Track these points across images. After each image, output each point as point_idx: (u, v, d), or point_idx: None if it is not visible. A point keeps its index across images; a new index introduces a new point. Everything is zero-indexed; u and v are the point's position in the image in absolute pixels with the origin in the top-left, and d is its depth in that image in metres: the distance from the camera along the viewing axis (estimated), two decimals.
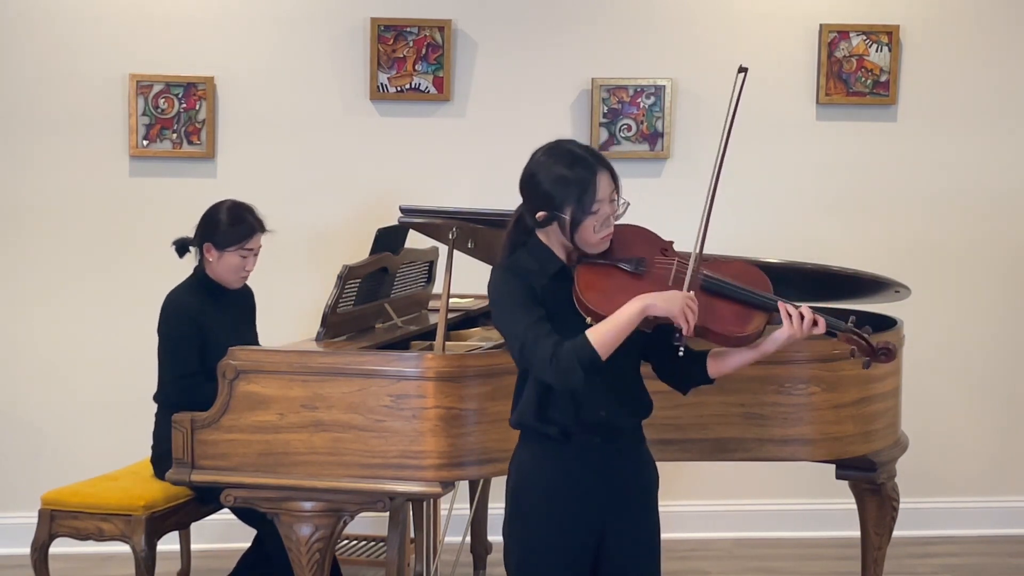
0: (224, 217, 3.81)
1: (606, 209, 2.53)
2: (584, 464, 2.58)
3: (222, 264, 3.81)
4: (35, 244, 4.88)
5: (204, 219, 3.85)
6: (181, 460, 3.24)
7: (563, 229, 2.53)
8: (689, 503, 5.06)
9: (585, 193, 2.50)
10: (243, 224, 3.81)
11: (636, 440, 2.67)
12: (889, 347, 2.58)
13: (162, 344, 3.79)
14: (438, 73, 4.88)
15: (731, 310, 2.57)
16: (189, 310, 3.77)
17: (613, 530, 2.61)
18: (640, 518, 2.65)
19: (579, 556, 2.60)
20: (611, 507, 2.60)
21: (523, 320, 2.48)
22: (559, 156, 2.55)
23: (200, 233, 3.84)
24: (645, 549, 2.66)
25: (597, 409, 2.56)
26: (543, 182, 2.53)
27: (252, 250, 3.84)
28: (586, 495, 2.58)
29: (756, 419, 3.42)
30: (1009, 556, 4.91)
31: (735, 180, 4.99)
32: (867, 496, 3.79)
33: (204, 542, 4.67)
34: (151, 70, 4.83)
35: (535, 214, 2.55)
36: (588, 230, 2.52)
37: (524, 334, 2.47)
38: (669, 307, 2.43)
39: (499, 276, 2.58)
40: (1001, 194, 5.10)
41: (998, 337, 5.16)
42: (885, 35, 4.96)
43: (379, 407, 3.13)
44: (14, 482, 4.87)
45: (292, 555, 3.23)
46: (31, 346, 4.90)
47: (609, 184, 2.54)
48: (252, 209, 3.87)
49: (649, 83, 4.94)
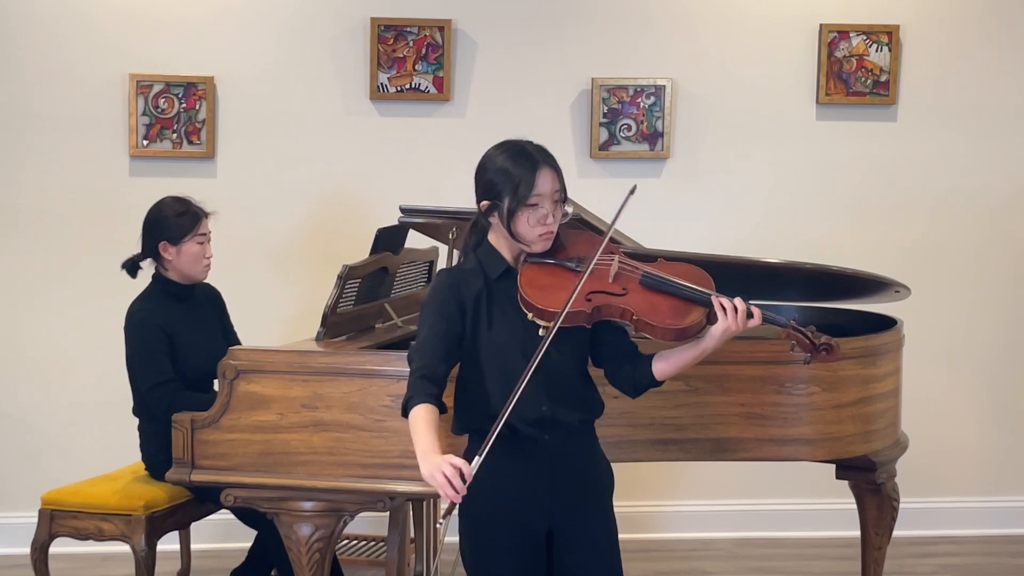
0: (169, 212, 3.82)
1: (545, 206, 2.59)
2: (530, 459, 2.61)
3: (183, 257, 3.81)
4: (35, 244, 4.88)
5: (149, 223, 3.84)
6: (181, 460, 3.25)
7: (502, 219, 2.61)
8: (689, 503, 5.06)
9: (522, 184, 2.57)
10: (188, 213, 3.83)
11: (586, 440, 2.71)
12: (831, 343, 2.62)
13: (132, 356, 3.76)
14: (438, 73, 4.88)
15: (669, 305, 2.61)
16: (153, 317, 3.74)
17: (562, 529, 2.63)
18: (591, 518, 2.67)
19: (527, 554, 2.62)
20: (558, 505, 2.63)
21: (423, 331, 2.61)
22: (507, 150, 2.66)
23: (150, 237, 3.82)
24: (600, 550, 2.67)
25: (539, 405, 2.59)
26: (488, 171, 2.65)
27: (205, 235, 3.85)
28: (531, 491, 2.61)
29: (756, 419, 3.42)
30: (1009, 556, 4.91)
31: (735, 180, 5.01)
32: (867, 496, 3.80)
33: (204, 542, 4.67)
34: (151, 70, 4.83)
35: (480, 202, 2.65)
36: (523, 222, 2.59)
37: (417, 342, 2.61)
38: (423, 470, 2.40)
39: (437, 279, 2.72)
40: (1001, 194, 5.10)
41: (998, 337, 5.16)
42: (885, 35, 4.96)
43: (379, 407, 3.13)
44: (14, 482, 4.86)
45: (292, 555, 3.23)
46: (31, 346, 4.90)
47: (551, 182, 2.60)
48: (190, 199, 3.88)
49: (649, 83, 4.94)
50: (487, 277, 2.63)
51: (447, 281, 2.66)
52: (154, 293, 3.84)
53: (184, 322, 3.79)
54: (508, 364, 2.57)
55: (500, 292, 2.62)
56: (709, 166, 5.03)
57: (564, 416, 2.63)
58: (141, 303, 3.81)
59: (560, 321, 2.50)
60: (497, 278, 2.64)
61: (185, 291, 3.86)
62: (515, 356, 2.57)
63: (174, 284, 3.84)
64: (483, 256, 2.67)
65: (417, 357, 2.57)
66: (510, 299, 2.60)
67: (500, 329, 2.60)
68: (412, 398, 2.51)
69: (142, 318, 3.76)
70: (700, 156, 4.98)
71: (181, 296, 3.85)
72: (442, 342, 2.58)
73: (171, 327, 3.74)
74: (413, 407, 2.49)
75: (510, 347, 2.59)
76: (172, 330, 3.74)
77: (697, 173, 5.02)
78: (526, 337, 2.57)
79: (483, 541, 2.64)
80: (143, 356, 3.71)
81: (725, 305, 2.57)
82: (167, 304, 3.80)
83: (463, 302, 2.61)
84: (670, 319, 2.59)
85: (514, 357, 2.57)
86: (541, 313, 2.55)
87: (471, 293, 2.61)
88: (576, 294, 2.53)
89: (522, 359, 2.52)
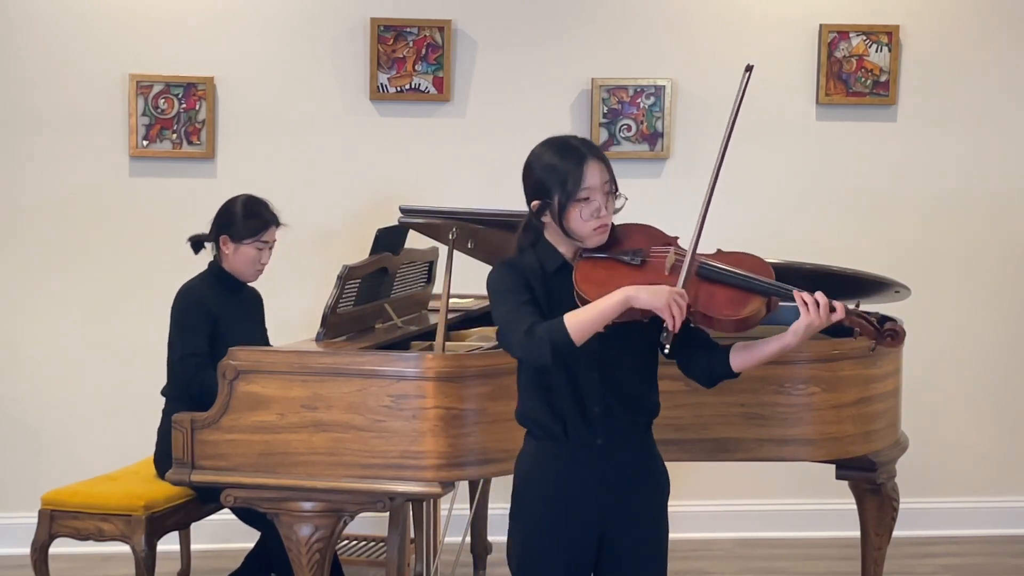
0: (240, 210, 3.88)
1: (597, 198, 2.54)
2: (584, 465, 2.56)
3: (238, 257, 3.87)
4: (35, 244, 4.88)
5: (220, 213, 3.91)
6: (181, 460, 3.25)
7: (554, 217, 2.56)
8: (689, 503, 5.06)
9: (570, 178, 2.52)
10: (258, 217, 3.89)
11: (643, 443, 2.65)
12: (895, 328, 2.54)
13: (173, 328, 3.82)
14: (438, 73, 4.88)
15: (727, 295, 2.56)
16: (202, 298, 3.82)
17: (614, 534, 2.60)
18: (644, 523, 2.63)
19: (578, 558, 2.59)
20: (612, 510, 2.58)
21: (508, 303, 2.52)
22: (552, 146, 2.61)
23: (216, 227, 3.90)
24: (648, 556, 2.64)
25: (591, 404, 2.55)
26: (534, 170, 2.59)
27: (268, 243, 3.91)
28: (585, 497, 2.57)
29: (756, 419, 3.42)
30: (1009, 556, 4.91)
31: (735, 180, 5.00)
32: (867, 496, 3.79)
33: (204, 542, 4.67)
34: (151, 70, 4.83)
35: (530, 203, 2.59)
36: (575, 217, 2.54)
37: (507, 315, 2.50)
38: (653, 300, 2.41)
39: (495, 270, 2.62)
40: (1001, 194, 5.10)
41: (998, 337, 5.16)
42: (885, 35, 4.96)
43: (379, 407, 3.13)
44: (14, 482, 4.86)
45: (292, 555, 3.23)
46: (31, 346, 4.90)
47: (599, 174, 2.55)
48: (267, 204, 3.94)
49: (649, 83, 4.94)
50: (544, 272, 2.58)
51: (512, 266, 2.58)
52: (208, 279, 3.91)
53: (230, 312, 3.86)
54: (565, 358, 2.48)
55: (557, 287, 2.56)
56: (709, 166, 4.96)
57: (618, 416, 2.57)
58: (194, 284, 3.88)
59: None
60: (554, 272, 2.58)
61: (236, 284, 3.93)
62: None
63: (227, 275, 3.91)
64: (540, 252, 2.61)
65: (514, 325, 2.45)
66: (566, 294, 2.54)
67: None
68: (552, 333, 2.40)
69: (191, 296, 3.83)
70: (700, 156, 4.98)
71: (232, 287, 3.92)
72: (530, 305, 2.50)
73: (217, 313, 3.81)
74: (563, 327, 2.40)
75: None
76: (218, 314, 3.81)
77: (697, 173, 5.00)
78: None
79: (535, 543, 2.60)
80: (182, 328, 3.78)
81: (807, 300, 2.49)
82: (218, 291, 3.87)
83: (528, 283, 2.55)
84: (728, 309, 2.53)
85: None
86: None
87: (536, 283, 2.56)
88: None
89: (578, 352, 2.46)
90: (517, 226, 2.67)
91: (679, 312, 2.41)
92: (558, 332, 2.41)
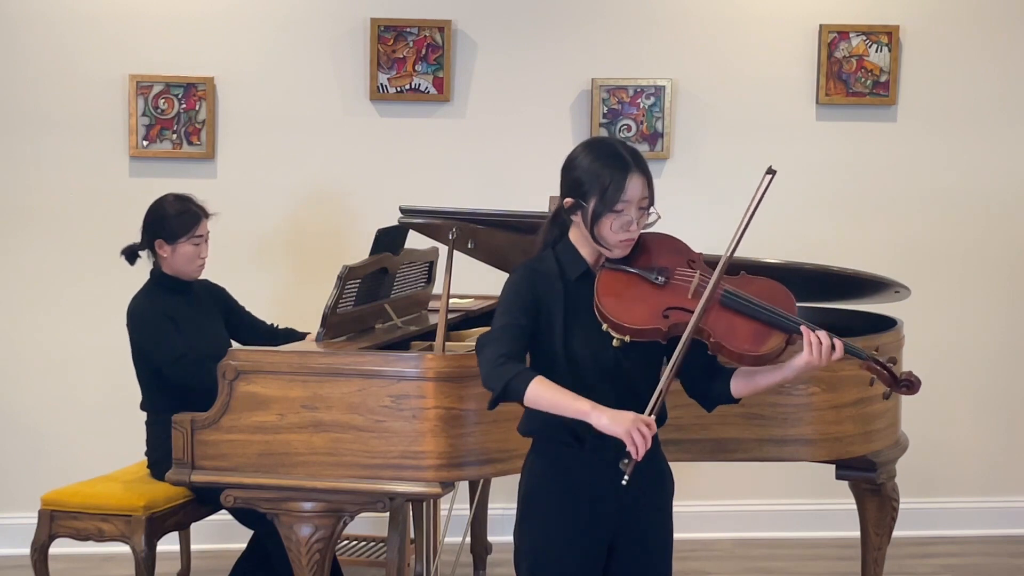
0: (169, 211, 3.85)
1: (631, 212, 2.51)
2: (595, 473, 2.56)
3: (177, 257, 3.84)
4: (35, 244, 4.88)
5: (150, 218, 3.87)
6: (181, 460, 3.24)
7: (585, 220, 2.53)
8: (689, 503, 5.05)
9: (611, 188, 2.49)
10: (188, 213, 3.85)
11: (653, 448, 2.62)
12: (911, 379, 2.51)
13: (142, 345, 3.78)
14: (438, 73, 4.88)
15: (749, 328, 2.49)
16: (155, 308, 3.78)
17: (624, 539, 2.60)
18: (652, 528, 2.64)
19: (589, 563, 2.60)
20: (623, 517, 2.59)
21: (505, 318, 2.51)
22: (600, 148, 2.56)
23: (149, 232, 3.86)
24: (655, 558, 2.65)
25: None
26: (577, 168, 2.55)
27: (202, 236, 3.87)
28: (598, 505, 2.57)
29: (756, 419, 3.42)
30: (1009, 556, 4.91)
31: (735, 180, 5.00)
32: (867, 496, 3.80)
33: (204, 542, 4.67)
34: (151, 70, 4.83)
35: (564, 199, 2.56)
36: (606, 227, 2.51)
37: (496, 330, 2.51)
38: (613, 427, 2.36)
39: (516, 272, 2.60)
40: (1001, 194, 5.10)
41: (998, 337, 5.16)
42: (885, 35, 4.96)
43: (379, 407, 3.13)
44: (14, 482, 4.86)
45: (292, 555, 3.23)
46: (31, 346, 4.90)
47: (640, 188, 2.52)
48: (192, 198, 3.91)
49: (649, 83, 4.94)
50: (565, 278, 2.55)
51: (527, 276, 2.56)
52: (153, 288, 3.88)
53: (184, 313, 3.83)
54: (579, 370, 2.51)
55: (577, 295, 2.54)
56: (709, 166, 5.03)
57: None
58: (142, 297, 3.85)
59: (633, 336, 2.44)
60: (575, 280, 2.56)
61: (183, 286, 3.89)
62: (587, 362, 2.51)
63: (171, 279, 3.88)
64: (562, 255, 2.58)
65: (494, 345, 2.48)
66: (586, 304, 2.51)
67: (574, 333, 2.51)
68: (516, 377, 2.42)
69: (145, 308, 3.80)
70: (700, 156, 4.98)
71: (179, 290, 3.88)
72: (521, 333, 2.49)
73: (173, 314, 3.79)
74: (528, 381, 2.41)
75: (582, 353, 2.52)
76: (174, 317, 3.78)
77: (697, 173, 5.02)
78: (599, 344, 2.50)
79: (548, 551, 2.59)
80: (154, 340, 3.74)
81: (813, 341, 2.45)
82: (167, 297, 3.84)
83: (539, 300, 2.52)
84: (747, 343, 2.47)
85: (585, 363, 2.51)
86: (615, 326, 2.46)
87: (548, 294, 2.53)
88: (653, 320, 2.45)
89: (593, 365, 2.48)
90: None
91: (642, 442, 2.35)
92: (518, 383, 2.42)
